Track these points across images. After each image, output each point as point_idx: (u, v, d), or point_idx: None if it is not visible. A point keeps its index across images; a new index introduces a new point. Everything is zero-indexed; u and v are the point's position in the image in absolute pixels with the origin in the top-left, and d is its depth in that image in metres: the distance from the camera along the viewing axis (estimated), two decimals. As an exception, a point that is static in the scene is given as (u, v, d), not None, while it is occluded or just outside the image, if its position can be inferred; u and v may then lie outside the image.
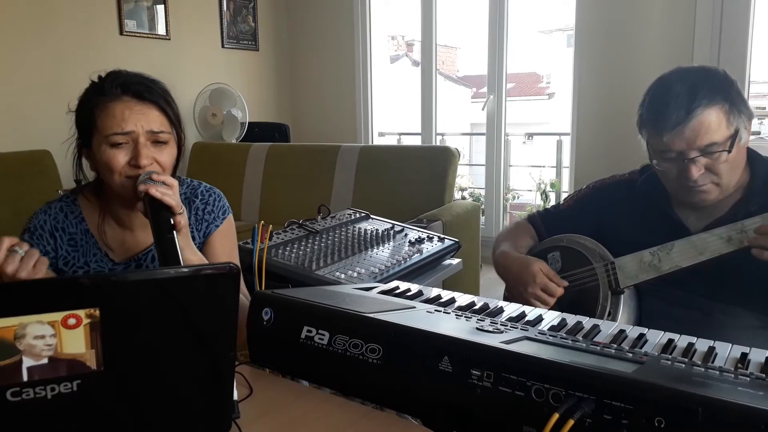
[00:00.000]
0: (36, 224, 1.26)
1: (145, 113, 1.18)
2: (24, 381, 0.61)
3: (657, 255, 1.27)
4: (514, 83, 11.22)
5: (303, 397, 0.88)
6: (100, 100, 1.17)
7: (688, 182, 1.23)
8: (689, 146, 1.20)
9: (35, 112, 3.39)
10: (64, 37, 3.54)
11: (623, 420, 0.64)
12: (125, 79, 1.19)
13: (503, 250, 1.49)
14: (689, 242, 1.24)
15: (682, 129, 1.19)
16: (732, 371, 0.74)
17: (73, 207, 1.29)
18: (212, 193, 1.38)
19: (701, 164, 1.21)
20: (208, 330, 0.70)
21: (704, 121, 1.19)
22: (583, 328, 0.95)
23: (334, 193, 3.31)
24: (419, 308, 0.97)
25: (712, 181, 1.24)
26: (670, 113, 1.20)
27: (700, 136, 1.19)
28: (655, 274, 1.27)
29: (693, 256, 1.22)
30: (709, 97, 1.19)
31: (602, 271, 1.33)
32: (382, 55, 5.19)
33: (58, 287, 0.65)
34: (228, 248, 1.38)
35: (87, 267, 1.27)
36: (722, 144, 1.20)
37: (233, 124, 4.12)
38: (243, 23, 4.56)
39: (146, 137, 1.18)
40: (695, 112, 1.19)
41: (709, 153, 1.20)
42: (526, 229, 1.57)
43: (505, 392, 0.72)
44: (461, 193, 5.55)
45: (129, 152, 1.17)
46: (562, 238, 1.45)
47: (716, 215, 1.28)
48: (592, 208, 1.48)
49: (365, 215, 1.85)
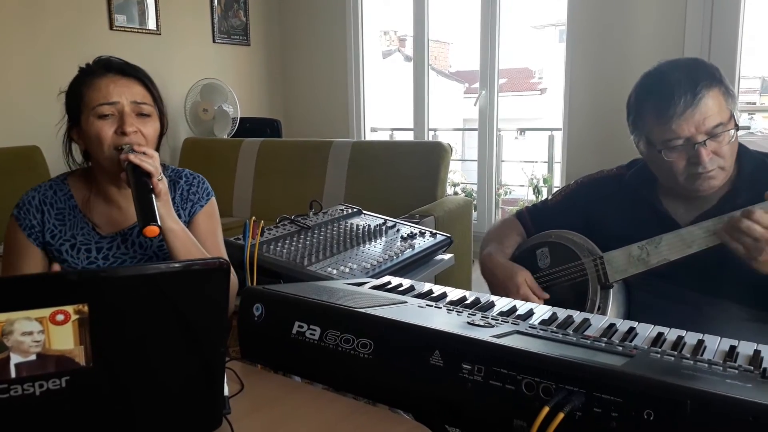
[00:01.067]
0: (25, 200, 1.33)
1: (128, 86, 1.27)
2: (12, 377, 0.60)
3: (645, 249, 1.27)
4: (507, 78, 11.23)
5: (294, 392, 0.88)
6: (87, 78, 1.27)
7: (697, 169, 1.23)
8: (698, 130, 1.21)
9: (24, 107, 3.36)
10: (54, 32, 3.50)
11: (613, 413, 0.65)
12: (110, 61, 1.30)
13: (489, 252, 1.50)
14: (677, 235, 1.24)
15: (692, 112, 1.20)
16: (721, 364, 0.74)
17: (63, 185, 1.35)
18: (196, 177, 1.45)
19: (710, 148, 1.22)
20: (198, 325, 0.70)
21: (710, 104, 1.20)
22: (574, 322, 0.96)
23: (326, 188, 3.30)
24: (411, 303, 0.97)
25: (718, 166, 1.24)
26: (676, 99, 1.20)
27: (708, 119, 1.20)
28: (644, 268, 1.27)
29: (681, 250, 1.23)
30: (708, 80, 1.21)
31: (591, 265, 1.33)
32: (374, 50, 5.18)
33: (45, 283, 0.65)
34: (213, 227, 1.42)
35: (74, 239, 1.32)
36: (727, 124, 1.21)
37: (224, 119, 4.10)
38: (234, 18, 4.54)
39: (131, 108, 1.26)
40: (701, 95, 1.20)
41: (715, 135, 1.21)
42: (514, 227, 1.57)
43: (496, 386, 0.72)
44: (453, 189, 5.56)
45: (115, 122, 1.25)
46: (550, 233, 1.45)
47: (704, 207, 1.29)
48: (580, 203, 1.48)
49: (357, 211, 1.85)
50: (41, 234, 1.31)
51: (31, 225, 1.30)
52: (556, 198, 1.57)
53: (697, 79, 1.21)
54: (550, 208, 1.56)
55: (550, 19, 11.07)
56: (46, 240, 1.31)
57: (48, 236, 1.31)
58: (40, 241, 1.31)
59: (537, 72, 12.48)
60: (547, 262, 1.42)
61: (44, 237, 1.31)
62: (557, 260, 1.41)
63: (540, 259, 1.43)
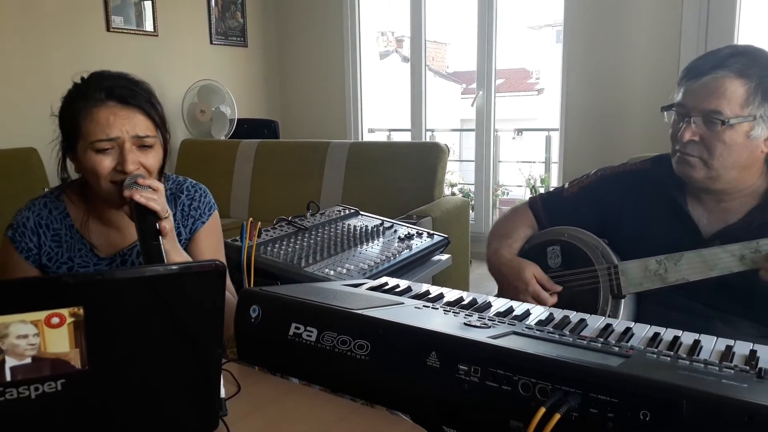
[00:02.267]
0: (19, 221, 1.26)
1: (129, 118, 1.17)
2: (7, 381, 0.60)
3: (664, 264, 1.21)
4: (504, 79, 11.25)
5: (291, 394, 0.88)
6: (83, 105, 1.16)
7: (677, 144, 1.20)
8: (695, 104, 1.16)
9: (21, 110, 3.36)
10: (50, 33, 3.50)
11: (609, 413, 0.65)
12: (109, 83, 1.18)
13: (496, 247, 1.43)
14: (699, 255, 1.17)
15: (695, 82, 1.16)
16: (717, 364, 0.74)
17: (58, 203, 1.28)
18: (198, 189, 1.38)
19: (697, 130, 1.16)
20: (194, 328, 0.70)
21: (720, 86, 1.14)
22: (570, 323, 0.96)
23: (324, 189, 3.30)
24: (407, 304, 0.97)
25: (701, 156, 1.17)
26: (698, 64, 1.17)
27: (709, 99, 1.14)
28: (660, 284, 1.21)
29: (702, 271, 1.16)
30: (742, 67, 1.14)
31: (604, 274, 1.27)
32: (371, 51, 5.18)
33: (40, 286, 0.65)
34: (214, 245, 1.38)
35: (71, 262, 1.27)
36: (726, 116, 1.14)
37: (222, 120, 4.10)
38: (231, 19, 4.54)
39: (132, 142, 1.17)
40: (716, 72, 1.14)
41: (709, 120, 1.15)
42: (525, 218, 1.48)
43: (492, 387, 0.72)
44: (451, 189, 5.56)
45: (115, 157, 1.16)
46: (563, 231, 1.37)
47: (729, 221, 1.23)
48: (598, 197, 1.39)
49: (355, 212, 1.85)
50: (38, 257, 1.26)
51: (28, 248, 1.25)
52: (573, 189, 1.45)
53: (730, 60, 1.14)
54: (566, 199, 1.45)
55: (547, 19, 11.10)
56: (43, 263, 1.27)
57: (45, 259, 1.26)
58: (37, 264, 1.27)
59: (534, 72, 12.50)
60: (558, 262, 1.36)
61: (41, 260, 1.26)
62: (569, 262, 1.34)
63: (551, 257, 1.36)
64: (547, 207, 1.47)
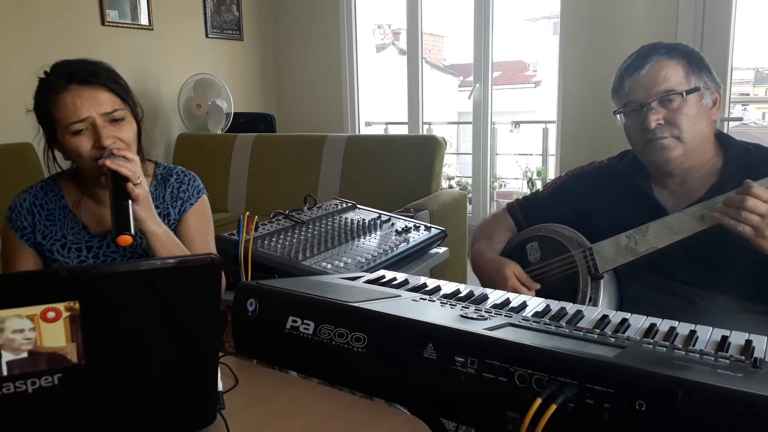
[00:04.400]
0: (17, 202, 1.35)
1: (94, 97, 1.23)
2: (4, 375, 0.60)
3: (633, 237, 1.28)
4: (501, 71, 11.21)
5: (289, 387, 0.89)
6: (51, 95, 1.22)
7: (647, 135, 1.27)
8: (647, 93, 1.26)
9: (16, 104, 3.32)
10: (45, 28, 3.47)
11: (605, 404, 0.65)
12: (69, 68, 1.24)
13: (479, 248, 1.51)
14: (664, 222, 1.25)
15: (638, 74, 1.27)
16: (712, 354, 0.74)
17: (54, 186, 1.37)
18: (187, 174, 1.44)
19: (660, 114, 1.26)
20: (191, 321, 0.70)
21: (660, 69, 1.26)
22: (567, 314, 0.96)
23: (321, 183, 3.30)
24: (404, 297, 0.97)
25: (672, 135, 1.26)
26: (631, 63, 1.30)
27: (657, 84, 1.26)
28: (633, 256, 1.28)
29: (668, 236, 1.23)
30: (668, 52, 1.28)
31: (580, 257, 1.33)
32: (368, 44, 5.18)
33: (36, 280, 0.65)
34: (203, 226, 1.42)
35: (64, 239, 1.34)
36: (679, 90, 1.25)
37: (218, 114, 4.08)
38: (227, 12, 4.51)
39: (102, 119, 1.23)
40: (651, 59, 1.27)
41: (666, 100, 1.26)
42: (504, 222, 1.57)
43: (489, 378, 0.72)
44: (448, 182, 5.56)
45: (91, 136, 1.23)
46: (539, 228, 1.45)
47: (693, 198, 1.29)
48: (571, 195, 1.48)
49: (352, 205, 1.85)
50: (32, 235, 1.33)
51: (23, 227, 1.33)
52: (547, 190, 1.57)
53: (656, 48, 1.29)
54: (540, 201, 1.56)
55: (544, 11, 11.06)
56: (38, 240, 1.34)
57: (39, 237, 1.34)
58: (32, 242, 1.34)
59: (531, 65, 12.47)
60: (537, 257, 1.42)
61: (35, 238, 1.34)
62: (547, 254, 1.41)
63: (530, 253, 1.43)
64: (524, 209, 1.57)
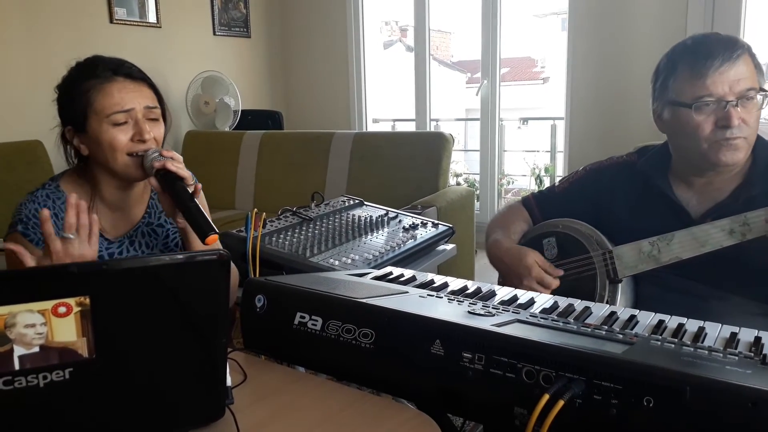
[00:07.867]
0: (27, 214, 1.25)
1: (139, 90, 1.25)
2: (16, 370, 0.61)
3: (657, 245, 1.24)
4: (509, 68, 11.16)
5: (297, 382, 0.89)
6: (95, 82, 1.22)
7: (725, 133, 1.19)
8: (731, 89, 1.18)
9: (25, 102, 3.36)
10: (53, 26, 3.49)
11: (613, 400, 0.65)
12: (113, 62, 1.26)
13: (496, 238, 1.46)
14: (690, 233, 1.20)
15: (729, 69, 1.18)
16: (721, 351, 0.74)
17: (58, 193, 1.29)
18: None
19: (739, 114, 1.19)
20: (200, 316, 0.70)
21: (745, 67, 1.19)
22: (575, 311, 0.96)
23: (328, 180, 3.30)
24: (412, 293, 0.97)
25: (743, 136, 1.20)
26: (715, 54, 1.19)
27: (742, 80, 1.19)
28: (655, 264, 1.24)
29: (694, 248, 1.19)
30: (747, 48, 1.21)
31: (600, 259, 1.30)
32: (375, 40, 5.16)
33: (47, 276, 0.65)
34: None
35: None
36: (758, 90, 1.19)
37: (226, 112, 4.09)
38: (234, 10, 4.52)
39: (143, 113, 1.24)
40: (739, 54, 1.19)
41: (748, 98, 1.19)
42: (519, 213, 1.53)
43: (497, 374, 0.72)
44: (456, 179, 5.55)
45: (130, 129, 1.23)
46: (558, 223, 1.41)
47: (718, 199, 1.25)
48: (589, 191, 1.44)
49: (359, 202, 1.85)
50: None
51: (40, 239, 1.21)
52: (563, 185, 1.51)
53: (738, 43, 1.21)
54: (557, 196, 1.50)
55: (552, 7, 10.99)
56: None
57: None
58: None
59: (539, 61, 12.40)
60: (554, 253, 1.39)
61: None
62: (565, 251, 1.37)
63: (547, 248, 1.39)
64: (540, 203, 1.52)
